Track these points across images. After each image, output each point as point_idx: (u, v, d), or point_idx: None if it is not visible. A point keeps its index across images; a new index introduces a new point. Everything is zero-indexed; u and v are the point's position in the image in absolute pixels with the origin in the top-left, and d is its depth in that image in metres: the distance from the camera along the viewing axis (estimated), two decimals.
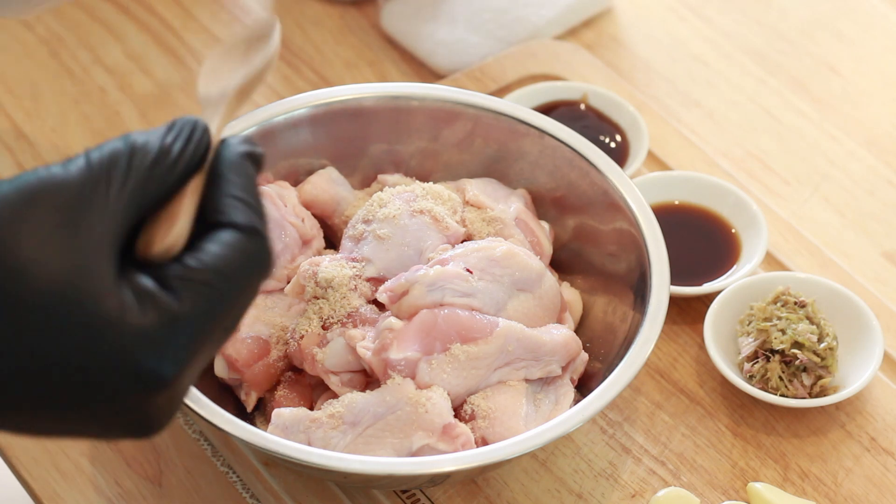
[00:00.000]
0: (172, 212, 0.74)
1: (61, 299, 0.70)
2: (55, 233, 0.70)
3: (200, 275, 0.72)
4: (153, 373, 0.71)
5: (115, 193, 0.72)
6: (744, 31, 1.43)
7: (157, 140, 0.74)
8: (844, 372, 1.13)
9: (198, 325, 0.72)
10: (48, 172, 0.71)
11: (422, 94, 1.16)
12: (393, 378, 1.01)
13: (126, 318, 0.70)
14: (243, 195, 0.75)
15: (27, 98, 1.34)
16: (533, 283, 1.07)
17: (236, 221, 0.74)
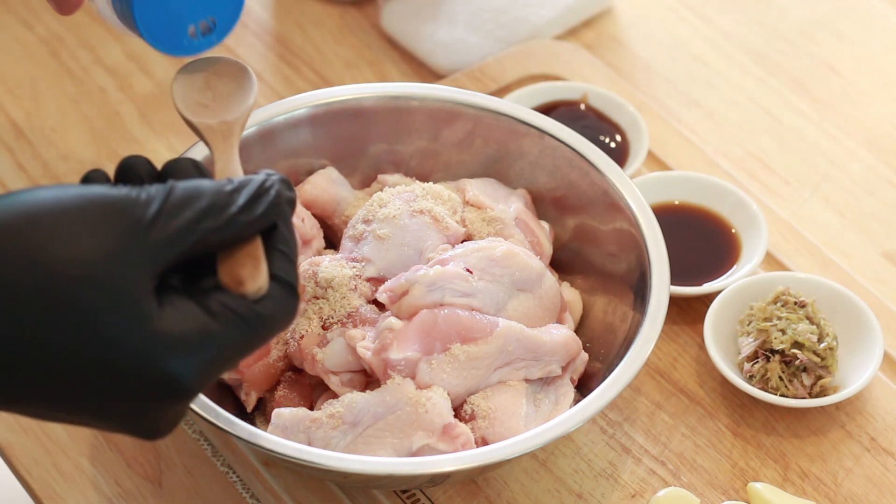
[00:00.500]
0: (255, 255, 0.82)
1: (98, 303, 0.75)
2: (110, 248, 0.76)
3: (241, 308, 0.80)
4: (175, 377, 0.77)
5: (182, 225, 0.79)
6: (744, 31, 1.43)
7: (246, 195, 0.81)
8: (844, 372, 1.13)
9: (224, 346, 0.79)
10: (126, 192, 0.78)
11: (422, 94, 1.16)
12: (393, 378, 1.01)
13: (161, 323, 0.77)
14: (287, 250, 0.83)
15: (27, 98, 1.34)
16: (533, 283, 1.07)
17: (280, 276, 0.82)
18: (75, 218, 0.76)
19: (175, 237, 0.78)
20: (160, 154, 1.30)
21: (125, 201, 0.78)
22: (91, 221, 0.76)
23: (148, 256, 0.77)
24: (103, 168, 1.27)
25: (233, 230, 0.81)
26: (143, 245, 0.77)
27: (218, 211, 0.80)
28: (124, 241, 0.77)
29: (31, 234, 0.75)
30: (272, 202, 0.82)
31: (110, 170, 1.28)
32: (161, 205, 0.78)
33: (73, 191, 0.77)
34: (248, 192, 0.81)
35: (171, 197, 0.79)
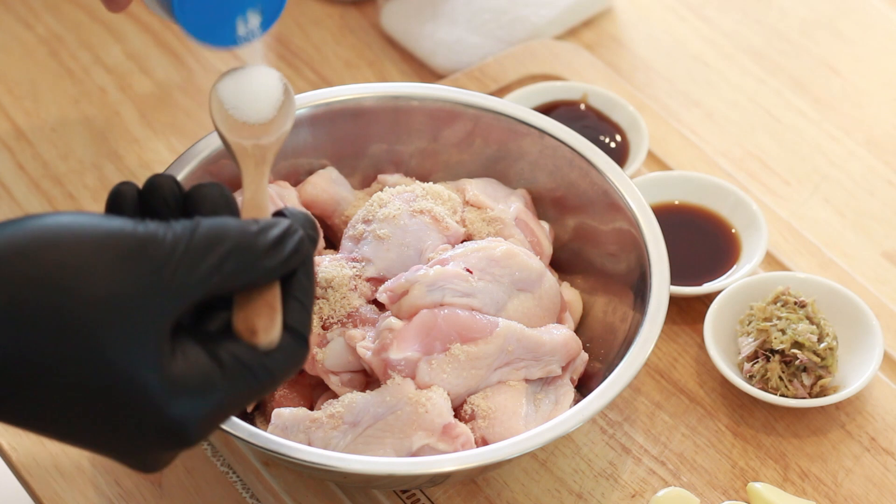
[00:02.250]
0: (271, 303, 0.81)
1: (111, 340, 0.75)
2: (130, 287, 0.75)
3: (251, 361, 0.80)
4: (177, 424, 0.77)
5: (205, 269, 0.78)
6: (744, 31, 1.43)
7: (271, 239, 0.80)
8: (844, 372, 1.13)
9: (228, 397, 0.78)
10: (148, 230, 0.77)
11: (422, 94, 1.16)
12: (393, 378, 1.01)
13: (171, 369, 0.76)
14: (304, 299, 0.82)
15: (27, 98, 1.34)
16: (533, 283, 1.07)
17: (293, 326, 0.82)
18: (98, 253, 0.75)
19: (197, 281, 0.77)
20: (160, 154, 1.30)
21: (149, 241, 0.77)
22: (114, 259, 0.75)
23: (168, 299, 0.76)
24: (103, 166, 1.27)
25: (254, 276, 0.80)
26: (164, 288, 0.76)
27: (241, 256, 0.79)
28: (146, 282, 0.76)
29: (53, 264, 0.74)
30: (295, 249, 0.81)
31: (109, 167, 1.28)
32: (185, 248, 0.77)
33: (97, 222, 0.77)
34: (273, 237, 0.80)
35: (196, 238, 0.78)
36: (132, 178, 1.28)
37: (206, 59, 1.38)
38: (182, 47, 1.39)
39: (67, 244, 0.75)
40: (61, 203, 1.25)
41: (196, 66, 1.38)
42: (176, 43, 1.40)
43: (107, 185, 1.27)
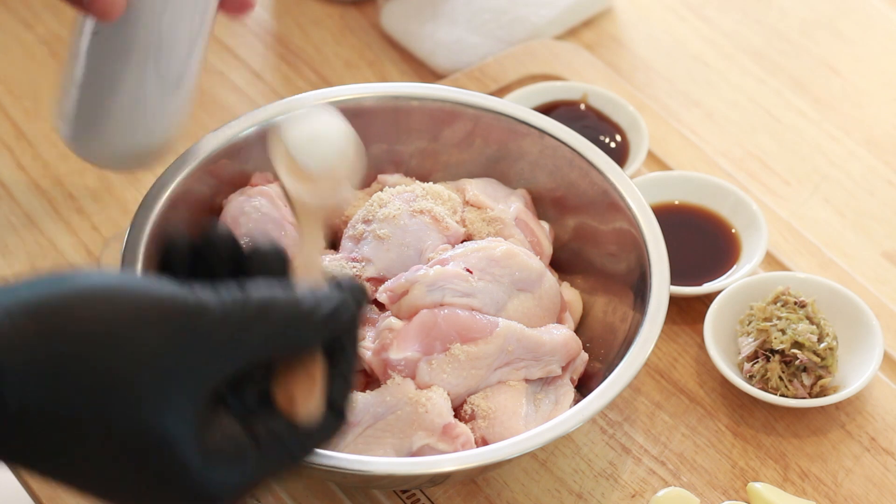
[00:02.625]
0: (314, 375, 0.79)
1: (149, 407, 0.74)
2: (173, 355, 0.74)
3: (287, 437, 0.78)
4: (206, 491, 0.75)
5: (252, 343, 0.76)
6: (744, 31, 1.43)
7: (321, 317, 0.78)
8: (844, 372, 1.12)
9: (262, 471, 0.77)
10: (199, 300, 0.75)
11: (422, 94, 1.16)
12: (393, 378, 1.01)
13: (206, 439, 0.75)
14: (347, 373, 0.81)
15: (27, 98, 1.34)
16: (533, 283, 1.07)
17: (333, 400, 0.80)
18: (145, 320, 0.74)
19: (242, 354, 0.76)
20: None
21: (198, 312, 0.75)
22: (160, 327, 0.74)
23: (211, 370, 0.75)
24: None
25: (300, 351, 0.79)
26: (208, 359, 0.75)
27: (290, 332, 0.77)
28: (190, 352, 0.74)
29: (96, 323, 0.73)
30: (346, 325, 0.80)
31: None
32: (235, 321, 0.76)
33: (145, 286, 0.75)
34: (324, 313, 0.78)
35: (246, 311, 0.76)
36: (132, 178, 1.28)
37: (206, 60, 1.38)
38: None
39: (113, 306, 0.74)
40: (61, 203, 1.25)
41: None
42: None
43: (107, 185, 1.27)
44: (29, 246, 1.23)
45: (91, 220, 1.25)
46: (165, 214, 1.08)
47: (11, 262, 1.21)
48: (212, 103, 1.34)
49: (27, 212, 1.25)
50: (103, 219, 1.25)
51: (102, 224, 1.24)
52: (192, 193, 1.10)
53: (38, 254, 1.22)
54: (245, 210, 1.10)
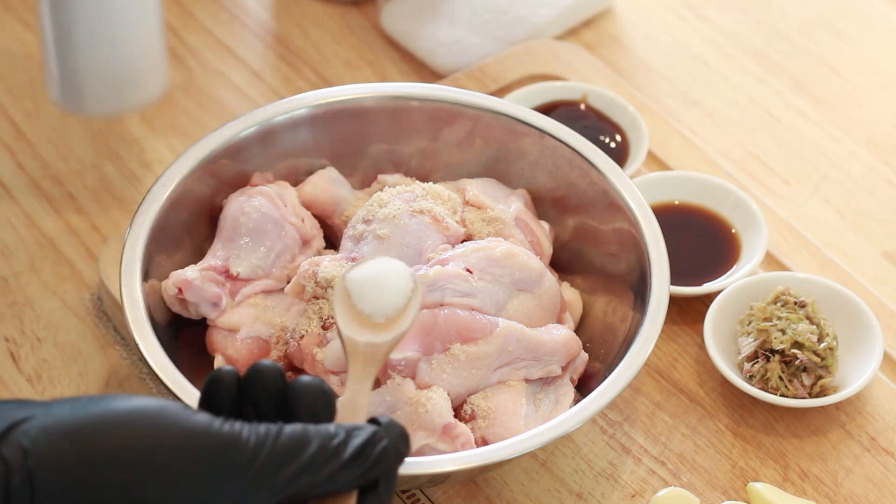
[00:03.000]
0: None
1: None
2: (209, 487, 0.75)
3: None
4: None
5: (283, 479, 0.77)
6: (744, 31, 1.43)
7: (352, 451, 0.79)
8: (844, 372, 1.12)
9: None
10: (232, 431, 0.76)
11: (422, 94, 1.16)
12: (393, 378, 1.01)
13: None
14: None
15: (27, 98, 1.34)
16: (533, 283, 1.07)
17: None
18: (178, 451, 0.75)
19: (274, 490, 0.76)
20: (160, 154, 1.30)
21: (231, 444, 0.76)
22: (193, 459, 0.75)
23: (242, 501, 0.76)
24: (103, 166, 1.27)
25: (330, 486, 0.78)
26: (240, 494, 0.75)
27: (319, 466, 0.78)
28: (222, 483, 0.75)
29: (129, 451, 0.74)
30: (375, 461, 0.80)
31: (109, 167, 1.28)
32: (266, 454, 0.76)
33: (181, 416, 0.76)
34: (355, 448, 0.79)
35: (277, 446, 0.77)
36: (132, 178, 1.28)
37: (206, 60, 1.38)
38: (182, 47, 1.39)
39: (149, 434, 0.74)
40: (61, 203, 1.25)
41: (196, 66, 1.38)
42: (176, 43, 1.39)
43: (107, 185, 1.27)
44: (29, 246, 1.23)
45: (91, 220, 1.25)
46: (165, 214, 1.08)
47: (11, 262, 1.21)
48: (212, 103, 1.34)
49: (27, 212, 1.25)
50: (103, 219, 1.25)
51: (102, 224, 1.24)
52: (192, 193, 1.10)
53: (38, 254, 1.22)
54: (245, 210, 1.10)
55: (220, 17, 1.42)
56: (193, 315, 1.08)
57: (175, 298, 1.07)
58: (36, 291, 1.19)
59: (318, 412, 0.81)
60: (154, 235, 1.06)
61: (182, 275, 1.07)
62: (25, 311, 1.18)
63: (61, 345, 1.16)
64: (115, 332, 1.17)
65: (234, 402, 0.81)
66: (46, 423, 0.74)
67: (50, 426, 0.74)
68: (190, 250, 1.11)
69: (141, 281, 1.04)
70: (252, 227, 1.09)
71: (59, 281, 1.20)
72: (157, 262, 1.07)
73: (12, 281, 1.20)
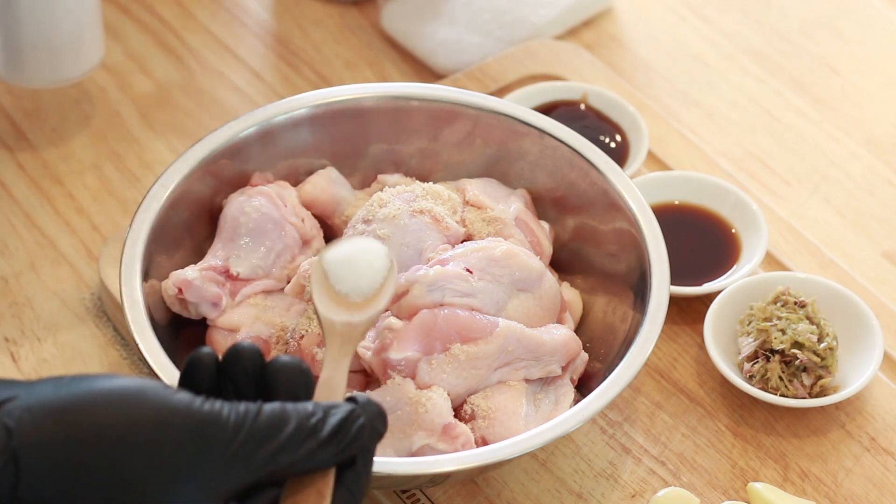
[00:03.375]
0: (322, 491, 0.80)
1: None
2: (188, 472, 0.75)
3: None
4: None
5: (263, 456, 0.78)
6: (744, 31, 1.43)
7: (329, 429, 0.79)
8: (844, 372, 1.12)
9: None
10: (213, 409, 0.77)
11: (422, 94, 1.16)
12: (393, 378, 1.01)
13: None
14: (356, 491, 0.81)
15: (27, 98, 1.34)
16: (533, 283, 1.07)
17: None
18: (160, 428, 0.75)
19: (253, 468, 0.77)
20: (160, 154, 1.30)
21: (211, 422, 0.77)
22: (174, 437, 0.75)
23: (222, 482, 0.76)
24: (103, 166, 1.27)
25: (309, 464, 0.79)
26: (220, 471, 0.76)
27: (298, 444, 0.78)
28: (203, 460, 0.76)
29: (112, 430, 0.74)
30: (353, 439, 0.80)
31: (109, 167, 1.28)
32: (246, 433, 0.77)
33: (162, 395, 0.77)
34: (332, 426, 0.79)
35: (257, 424, 0.78)
36: (132, 178, 1.28)
37: (205, 59, 1.38)
38: (182, 47, 1.39)
39: (131, 412, 0.75)
40: (61, 203, 1.25)
41: (196, 66, 1.38)
42: (176, 43, 1.40)
43: (107, 185, 1.27)
44: (29, 246, 1.23)
45: (91, 220, 1.25)
46: (165, 214, 1.08)
47: (11, 262, 1.21)
48: (212, 103, 1.34)
49: (27, 212, 1.25)
50: (103, 219, 1.25)
51: (102, 224, 1.24)
52: (192, 193, 1.10)
53: (38, 254, 1.22)
54: (245, 210, 1.10)
55: (220, 17, 1.42)
56: (193, 315, 1.08)
57: (175, 298, 1.07)
58: (36, 291, 1.19)
59: (297, 391, 0.81)
60: (154, 235, 1.06)
61: (182, 275, 1.07)
62: (25, 311, 1.18)
63: (61, 345, 1.16)
64: (115, 332, 1.17)
65: (214, 382, 0.81)
66: (30, 402, 0.74)
67: (33, 406, 0.74)
68: (190, 250, 1.11)
69: (141, 281, 1.04)
70: (252, 227, 1.09)
71: (59, 281, 1.20)
72: (157, 262, 1.07)
73: (12, 281, 1.20)
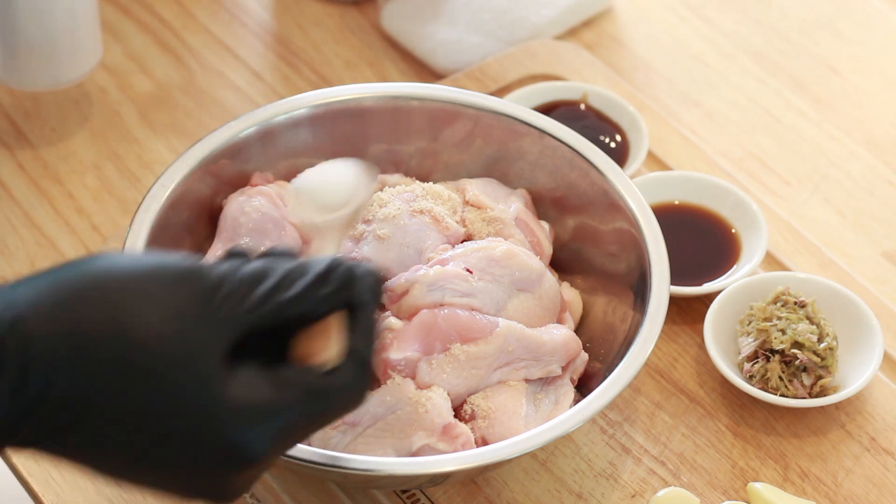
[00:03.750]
0: (326, 330, 0.82)
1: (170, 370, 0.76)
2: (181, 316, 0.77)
3: (307, 377, 0.80)
4: (240, 445, 0.77)
5: (253, 298, 0.79)
6: (744, 31, 1.43)
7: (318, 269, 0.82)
8: (844, 372, 1.12)
9: (291, 416, 0.79)
10: (195, 264, 0.79)
11: (422, 94, 1.16)
12: (393, 378, 1.01)
13: (227, 390, 0.77)
14: (367, 330, 0.83)
15: (27, 98, 1.34)
16: (533, 283, 1.07)
17: (353, 351, 0.82)
18: (147, 282, 0.77)
19: (246, 309, 0.79)
20: (160, 154, 1.30)
21: (195, 272, 0.79)
22: (162, 287, 0.77)
23: (218, 324, 0.78)
24: (103, 166, 1.27)
25: (304, 305, 0.81)
26: (212, 313, 0.78)
27: (287, 285, 0.80)
28: (194, 307, 0.77)
29: (107, 303, 0.76)
30: (344, 278, 0.82)
31: (109, 167, 1.28)
32: (232, 281, 0.79)
33: (150, 259, 0.79)
34: (318, 266, 0.82)
35: (241, 272, 0.80)
36: (132, 178, 1.28)
37: (205, 59, 1.38)
38: (182, 47, 1.39)
39: (120, 280, 0.77)
40: (61, 203, 1.25)
41: (196, 66, 1.38)
42: (176, 43, 1.40)
43: (107, 185, 1.27)
44: (29, 246, 1.23)
45: (91, 220, 1.25)
46: (165, 214, 1.08)
47: (11, 262, 1.21)
48: (212, 103, 1.34)
49: (27, 212, 1.25)
50: (103, 219, 1.25)
51: (102, 224, 1.24)
52: (192, 193, 1.10)
53: (38, 254, 1.22)
54: (245, 210, 1.10)
55: (220, 17, 1.42)
56: None
57: None
58: None
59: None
60: (154, 235, 1.06)
61: None
62: None
63: None
64: None
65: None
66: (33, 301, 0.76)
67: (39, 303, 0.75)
68: (190, 250, 1.11)
69: None
70: (252, 227, 1.09)
71: None
72: None
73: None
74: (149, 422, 0.75)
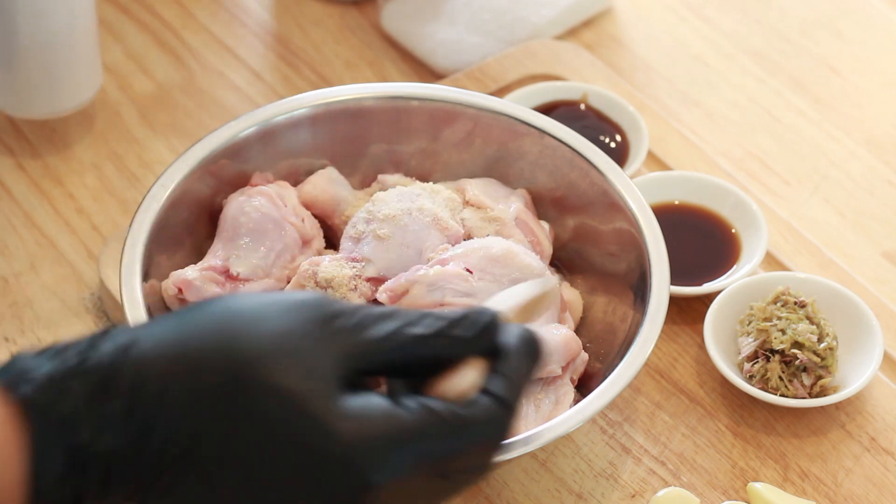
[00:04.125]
0: (461, 375, 0.79)
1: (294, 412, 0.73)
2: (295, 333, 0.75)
3: (438, 406, 0.77)
4: (361, 476, 0.74)
5: (369, 336, 0.77)
6: (744, 31, 1.43)
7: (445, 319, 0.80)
8: (844, 372, 1.12)
9: (419, 447, 0.76)
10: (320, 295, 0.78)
11: (422, 94, 1.16)
12: None
13: (347, 421, 0.74)
14: (511, 375, 0.79)
15: None
16: None
17: (492, 391, 0.78)
18: (264, 308, 0.76)
19: (366, 337, 0.77)
20: (160, 154, 1.30)
21: (317, 299, 0.77)
22: (278, 311, 0.76)
23: (335, 347, 0.76)
24: (103, 166, 1.27)
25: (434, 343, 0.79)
26: (330, 336, 0.76)
27: (415, 323, 0.78)
28: (310, 326, 0.75)
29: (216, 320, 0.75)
30: (485, 323, 0.80)
31: (109, 167, 1.28)
32: (355, 309, 0.78)
33: (273, 293, 0.78)
34: (455, 311, 0.80)
35: (368, 307, 0.78)
36: (132, 178, 1.28)
37: (206, 59, 1.38)
38: (182, 47, 1.39)
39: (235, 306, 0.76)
40: (61, 203, 1.25)
41: (196, 66, 1.38)
42: (176, 43, 1.39)
43: (107, 185, 1.27)
44: (29, 246, 1.23)
45: (91, 220, 1.25)
46: (165, 214, 1.08)
47: (11, 262, 1.21)
48: (212, 103, 1.34)
49: (27, 212, 1.25)
50: (103, 219, 1.25)
51: (102, 224, 1.24)
52: (192, 193, 1.11)
53: (38, 254, 1.22)
54: (245, 210, 1.10)
55: (220, 16, 1.42)
56: None
57: (175, 298, 1.07)
58: (36, 291, 1.19)
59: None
60: (154, 235, 1.06)
61: (182, 275, 1.07)
62: (25, 311, 1.18)
63: None
64: None
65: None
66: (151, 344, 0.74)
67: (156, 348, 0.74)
68: (190, 250, 1.11)
69: (141, 281, 1.04)
70: (252, 227, 1.09)
71: (59, 281, 1.20)
72: (157, 262, 1.07)
73: (12, 281, 1.20)
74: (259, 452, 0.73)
